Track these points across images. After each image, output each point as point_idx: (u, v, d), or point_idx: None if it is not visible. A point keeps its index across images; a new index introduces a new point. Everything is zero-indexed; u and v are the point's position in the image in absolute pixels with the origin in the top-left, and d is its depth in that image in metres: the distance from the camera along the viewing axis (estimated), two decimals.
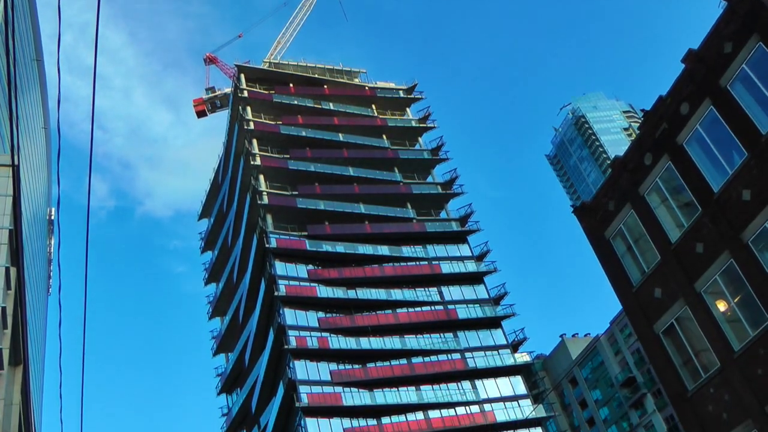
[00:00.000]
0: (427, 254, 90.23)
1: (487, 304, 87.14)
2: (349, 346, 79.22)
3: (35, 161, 77.07)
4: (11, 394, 28.86)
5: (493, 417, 77.16)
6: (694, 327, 24.01)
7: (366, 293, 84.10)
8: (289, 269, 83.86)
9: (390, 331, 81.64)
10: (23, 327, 29.49)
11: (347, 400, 75.13)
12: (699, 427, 23.91)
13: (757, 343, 21.74)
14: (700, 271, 23.55)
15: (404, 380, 78.22)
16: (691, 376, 24.28)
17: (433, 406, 77.06)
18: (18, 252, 28.27)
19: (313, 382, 75.50)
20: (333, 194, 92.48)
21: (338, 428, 73.32)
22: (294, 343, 76.87)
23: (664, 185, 25.24)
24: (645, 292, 25.94)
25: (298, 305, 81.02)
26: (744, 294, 22.35)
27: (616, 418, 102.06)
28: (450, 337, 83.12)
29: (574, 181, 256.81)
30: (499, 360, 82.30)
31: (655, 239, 25.45)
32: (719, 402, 23.12)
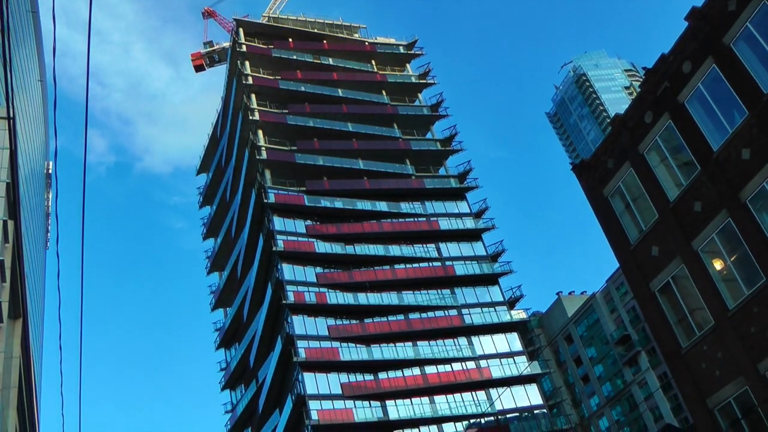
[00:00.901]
0: (426, 210, 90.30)
1: (484, 261, 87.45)
2: (347, 302, 79.70)
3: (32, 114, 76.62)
4: (11, 348, 29.04)
5: (489, 373, 77.92)
6: (690, 285, 24.13)
7: (364, 249, 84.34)
8: (288, 224, 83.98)
9: (387, 287, 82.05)
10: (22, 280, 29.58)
11: (344, 355, 75.81)
12: (692, 384, 24.16)
13: (752, 302, 21.87)
14: (698, 230, 23.59)
15: (401, 336, 78.83)
16: (686, 333, 24.48)
17: (430, 362, 77.80)
18: (15, 205, 28.22)
19: (310, 337, 76.11)
20: (332, 150, 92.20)
21: (335, 383, 74.10)
22: (292, 298, 77.30)
23: (664, 144, 25.16)
24: (642, 250, 26.02)
25: (296, 260, 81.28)
26: (740, 253, 22.42)
27: (610, 375, 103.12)
28: (447, 294, 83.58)
29: (574, 140, 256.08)
30: (496, 317, 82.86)
31: (653, 197, 25.45)
32: (712, 359, 23.33)
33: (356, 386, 74.46)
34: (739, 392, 22.51)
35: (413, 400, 75.01)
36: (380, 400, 74.23)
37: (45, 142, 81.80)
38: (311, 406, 71.03)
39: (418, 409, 74.49)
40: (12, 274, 26.87)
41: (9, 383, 28.40)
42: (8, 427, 27.81)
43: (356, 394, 73.72)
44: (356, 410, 72.61)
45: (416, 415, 73.77)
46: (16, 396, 28.84)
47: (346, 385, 74.20)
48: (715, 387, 23.25)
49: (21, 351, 29.95)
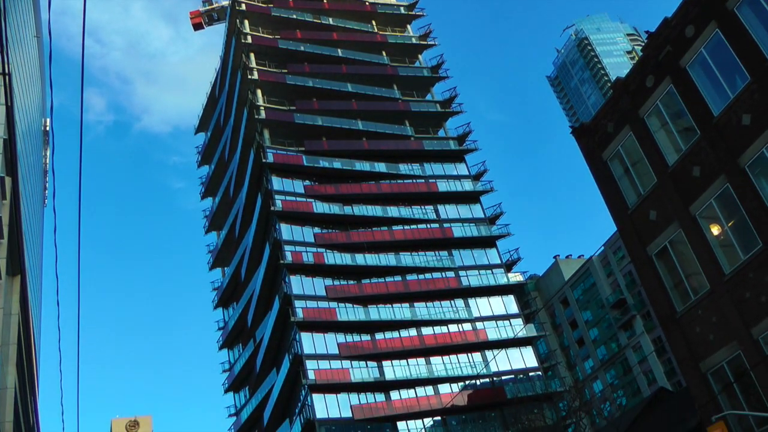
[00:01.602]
0: (424, 172, 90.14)
1: (482, 224, 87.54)
2: (345, 262, 79.91)
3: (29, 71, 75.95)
4: (10, 304, 29.16)
5: (485, 335, 78.45)
6: (687, 250, 24.19)
7: (362, 210, 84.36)
8: (286, 184, 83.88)
9: (385, 248, 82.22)
10: (20, 237, 29.59)
11: (342, 315, 76.24)
12: (686, 348, 24.34)
13: (748, 267, 21.95)
14: (696, 195, 23.59)
15: (398, 297, 79.20)
16: (681, 298, 24.60)
17: (426, 323, 78.28)
18: (13, 162, 28.14)
19: (308, 297, 76.46)
20: (331, 110, 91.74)
21: (332, 342, 74.62)
22: (290, 258, 77.49)
23: (665, 108, 25.03)
24: (640, 215, 26.03)
25: (294, 220, 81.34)
26: (738, 218, 22.44)
27: (605, 339, 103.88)
28: (444, 255, 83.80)
29: (574, 104, 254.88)
30: (493, 279, 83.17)
31: (652, 162, 25.39)
32: (707, 324, 23.49)
33: (353, 346, 75.00)
34: (732, 356, 22.70)
35: (409, 360, 75.61)
36: (377, 361, 74.84)
37: (42, 100, 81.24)
38: (308, 366, 71.62)
39: (414, 369, 75.13)
40: (10, 231, 26.87)
41: (8, 340, 28.58)
42: (8, 382, 28.04)
43: (353, 355, 74.30)
44: (353, 370, 73.24)
45: (412, 376, 74.44)
46: (15, 352, 29.04)
47: (343, 345, 74.73)
48: (709, 351, 23.44)
49: (20, 308, 30.09)
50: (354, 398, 72.43)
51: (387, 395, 73.67)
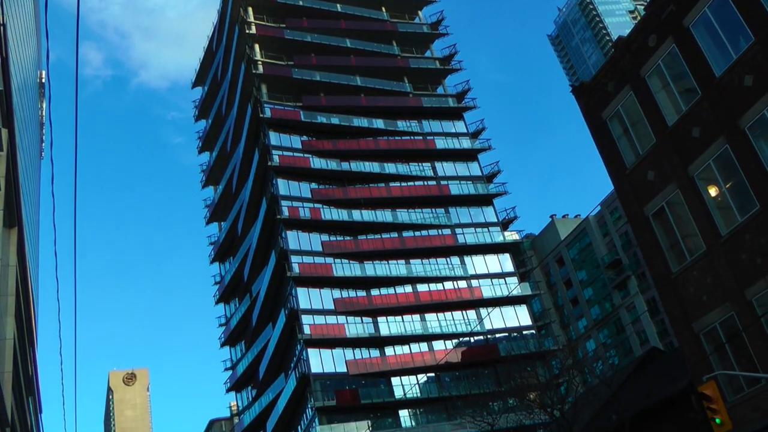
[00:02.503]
0: (422, 129, 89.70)
1: (479, 182, 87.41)
2: (341, 218, 79.89)
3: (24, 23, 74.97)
4: (7, 256, 29.21)
5: (480, 293, 78.82)
6: (684, 211, 24.22)
7: (359, 166, 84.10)
8: (283, 140, 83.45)
9: (382, 205, 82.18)
10: (17, 189, 29.54)
11: (338, 270, 76.47)
12: (679, 309, 24.53)
13: (744, 229, 22.01)
14: (695, 156, 23.55)
15: (394, 253, 79.37)
16: (677, 258, 24.70)
17: (422, 280, 78.58)
18: (9, 114, 27.94)
19: (304, 252, 76.62)
20: (329, 66, 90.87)
21: (328, 298, 74.96)
22: (287, 213, 77.47)
23: (666, 68, 24.86)
24: (638, 175, 26.02)
25: (291, 176, 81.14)
26: (736, 180, 22.44)
27: (599, 299, 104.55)
28: (441, 213, 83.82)
29: (575, 63, 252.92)
30: (489, 237, 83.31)
31: (652, 122, 25.29)
32: (701, 285, 23.63)
33: (348, 302, 75.40)
34: (725, 317, 22.90)
35: (404, 317, 76.09)
36: (372, 317, 75.31)
37: (38, 52, 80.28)
38: (304, 321, 72.09)
39: (409, 326, 75.66)
40: (7, 182, 26.80)
41: (6, 291, 28.68)
42: (7, 333, 28.21)
43: (348, 310, 74.73)
44: (348, 326, 73.75)
45: (407, 332, 74.99)
46: (13, 303, 29.16)
47: (338, 300, 75.12)
48: (702, 312, 23.62)
49: (17, 259, 30.15)
50: (349, 353, 73.02)
51: (381, 351, 74.28)
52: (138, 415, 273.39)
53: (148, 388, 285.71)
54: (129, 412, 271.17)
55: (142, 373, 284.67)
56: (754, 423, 22.01)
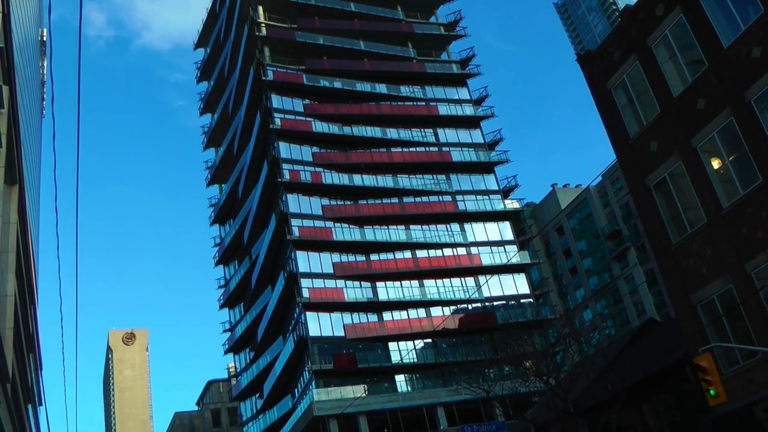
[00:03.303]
0: (425, 95, 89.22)
1: (481, 149, 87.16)
2: (342, 182, 79.78)
3: None
4: (8, 213, 29.19)
5: (479, 260, 78.99)
6: (686, 183, 24.15)
7: (361, 131, 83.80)
8: (285, 103, 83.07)
9: (383, 170, 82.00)
10: (18, 146, 29.44)
11: (337, 235, 76.56)
12: (678, 280, 24.57)
13: (746, 202, 21.96)
14: (699, 127, 23.42)
15: (394, 219, 79.41)
16: (677, 230, 24.68)
17: (421, 246, 78.70)
18: (10, 71, 27.72)
19: (304, 216, 76.64)
20: (333, 29, 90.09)
21: (327, 262, 75.15)
22: (287, 177, 77.34)
23: (673, 39, 24.61)
24: (641, 145, 25.90)
25: (292, 139, 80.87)
26: (739, 153, 22.34)
27: (598, 269, 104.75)
28: (442, 179, 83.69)
29: (581, 32, 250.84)
30: (489, 205, 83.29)
31: (657, 92, 25.11)
32: (701, 257, 23.64)
33: (348, 266, 75.60)
34: (724, 290, 22.94)
35: (403, 282, 76.33)
36: (371, 281, 75.56)
37: (40, 11, 79.54)
38: (303, 284, 72.35)
39: (407, 291, 75.94)
40: (8, 140, 26.69)
41: (7, 248, 28.71)
42: (8, 290, 28.31)
43: (347, 274, 74.96)
44: (347, 290, 74.02)
45: (405, 298, 75.29)
46: (14, 260, 29.21)
47: (338, 264, 75.31)
48: (701, 284, 23.66)
49: (18, 216, 30.15)
50: (347, 318, 73.41)
51: (379, 316, 74.67)
52: (137, 374, 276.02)
53: (147, 348, 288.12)
54: (128, 372, 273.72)
55: (142, 333, 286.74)
56: (748, 396, 22.17)
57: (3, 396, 26.80)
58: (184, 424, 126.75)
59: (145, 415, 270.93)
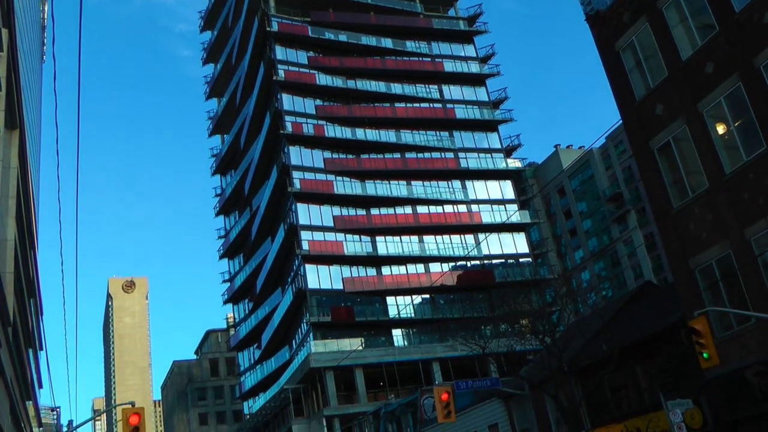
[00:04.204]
0: (431, 51, 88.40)
1: (485, 107, 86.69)
2: (345, 136, 79.52)
3: None
4: (8, 158, 29.08)
5: (479, 218, 79.09)
6: (690, 148, 24.06)
7: (365, 85, 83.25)
8: (290, 54, 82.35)
9: (386, 125, 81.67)
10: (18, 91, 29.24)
11: (339, 188, 76.55)
12: (678, 244, 24.62)
13: (749, 168, 21.90)
14: (706, 92, 23.24)
15: (396, 174, 79.33)
16: (679, 194, 24.65)
17: (422, 202, 78.75)
18: (9, 14, 27.39)
19: (306, 169, 76.55)
20: None
21: (328, 215, 75.27)
22: (290, 129, 77.06)
23: (685, 2, 24.28)
24: (647, 108, 25.74)
25: (296, 91, 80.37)
26: (745, 119, 22.21)
27: (597, 231, 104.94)
28: (445, 136, 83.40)
29: None
30: (492, 163, 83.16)
31: (665, 55, 24.87)
32: (701, 221, 23.65)
33: (348, 220, 75.76)
34: (722, 255, 23.00)
35: (403, 237, 76.57)
36: (370, 236, 75.78)
37: None
38: (303, 237, 72.57)
39: (407, 246, 76.20)
40: (8, 83, 26.49)
41: (7, 193, 28.68)
42: (8, 234, 28.36)
43: (347, 228, 75.14)
44: (346, 243, 74.26)
45: (404, 253, 75.60)
46: (14, 205, 29.20)
47: (338, 218, 75.45)
48: (700, 248, 23.71)
49: (18, 161, 30.06)
50: (346, 271, 73.80)
51: (378, 270, 75.05)
52: (136, 322, 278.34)
53: (147, 296, 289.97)
54: (128, 319, 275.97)
55: (141, 282, 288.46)
56: (740, 360, 22.38)
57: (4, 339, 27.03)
58: (183, 373, 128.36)
59: (144, 363, 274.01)
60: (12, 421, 31.50)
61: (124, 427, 21.20)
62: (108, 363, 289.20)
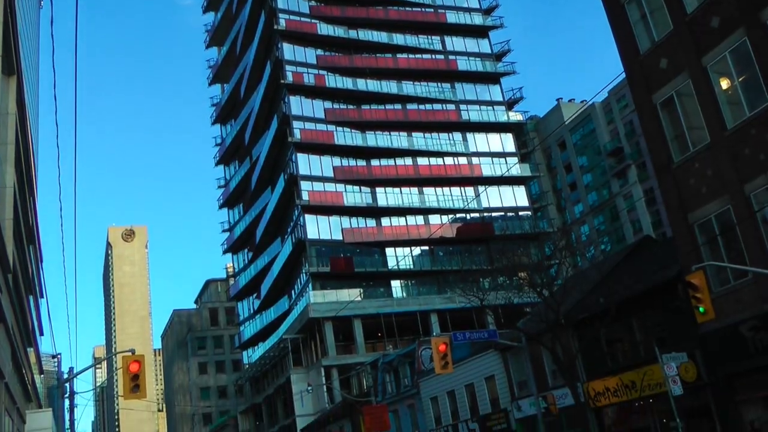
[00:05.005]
0: (434, 2, 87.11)
1: (488, 59, 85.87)
2: (346, 86, 78.89)
3: None
4: (6, 104, 28.86)
5: (480, 170, 78.93)
6: (692, 102, 23.90)
7: (367, 35, 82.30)
8: (291, 3, 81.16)
9: (388, 75, 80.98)
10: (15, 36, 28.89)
11: (339, 138, 76.22)
12: (677, 198, 24.60)
13: (751, 124, 21.79)
14: (711, 46, 23.00)
15: (397, 125, 78.92)
16: (680, 149, 24.57)
17: (423, 153, 78.49)
18: None
19: (307, 119, 76.14)
20: None
21: (328, 165, 75.08)
22: (291, 79, 76.44)
23: None
24: (651, 61, 25.50)
25: (297, 41, 79.49)
26: (749, 74, 22.01)
27: (597, 185, 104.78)
28: (447, 88, 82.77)
29: None
30: (493, 116, 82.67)
31: (671, 8, 24.54)
32: (702, 176, 23.61)
33: (348, 170, 75.61)
34: (722, 210, 23.00)
35: (403, 189, 76.50)
36: (370, 187, 75.70)
37: None
38: (303, 187, 72.52)
39: (406, 198, 76.16)
40: (4, 29, 26.13)
41: (5, 140, 28.54)
42: (7, 181, 28.31)
43: (347, 179, 75.03)
44: (346, 194, 74.23)
45: (404, 204, 75.60)
46: (13, 152, 29.09)
47: (338, 168, 75.29)
48: (700, 203, 23.71)
49: (16, 107, 29.85)
50: (345, 222, 73.91)
51: (378, 221, 75.16)
52: (136, 271, 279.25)
53: (147, 245, 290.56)
54: (127, 268, 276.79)
55: (141, 230, 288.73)
56: (735, 314, 22.55)
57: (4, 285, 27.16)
58: (183, 322, 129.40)
59: (144, 312, 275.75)
60: (13, 366, 31.84)
61: (124, 374, 21.32)
62: (108, 312, 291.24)
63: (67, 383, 29.59)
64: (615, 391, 29.45)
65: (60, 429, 36.45)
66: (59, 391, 31.52)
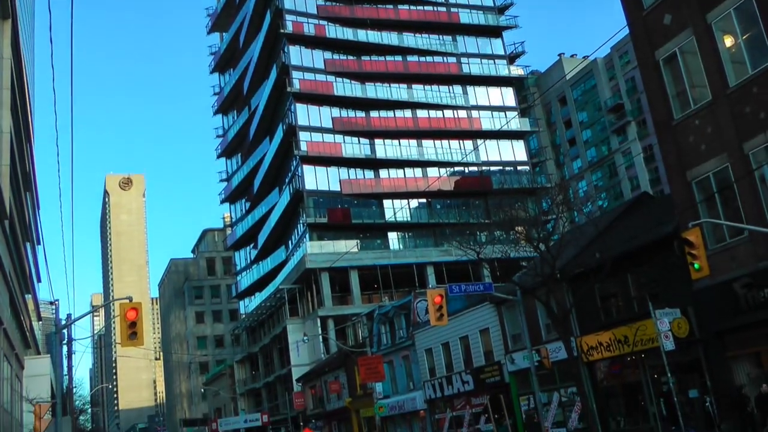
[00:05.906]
0: None
1: (490, 12, 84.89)
2: (346, 37, 78.06)
3: None
4: (1, 49, 28.64)
5: (479, 124, 78.61)
6: (695, 60, 23.73)
7: None
8: None
9: (389, 27, 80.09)
10: None
11: (338, 89, 75.67)
12: (676, 155, 24.58)
13: (753, 82, 21.67)
14: (716, 2, 22.75)
15: (397, 77, 78.29)
16: (681, 106, 24.47)
17: (422, 106, 78.02)
18: None
19: (306, 69, 75.48)
20: None
21: (327, 116, 74.65)
22: (290, 28, 75.57)
23: None
24: (655, 17, 25.23)
25: None
26: (754, 32, 21.82)
27: (597, 141, 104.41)
28: (448, 40, 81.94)
29: None
30: (494, 69, 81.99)
31: None
32: (701, 134, 23.55)
33: (347, 121, 75.25)
34: (720, 168, 23.00)
35: (401, 141, 76.24)
36: (369, 138, 75.41)
37: None
38: (301, 137, 72.23)
39: (405, 150, 75.94)
40: None
41: (1, 85, 28.38)
42: (3, 126, 28.20)
43: (346, 130, 74.69)
44: (345, 145, 73.96)
45: (403, 157, 75.40)
46: (9, 96, 28.92)
47: (337, 119, 74.91)
48: (698, 160, 23.69)
49: (12, 52, 29.59)
50: (343, 173, 73.79)
51: (376, 173, 75.04)
52: (133, 219, 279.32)
53: (144, 194, 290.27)
54: (124, 217, 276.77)
55: (138, 179, 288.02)
56: (729, 272, 22.70)
57: (1, 232, 27.22)
58: (180, 271, 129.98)
59: (142, 260, 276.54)
60: (12, 313, 32.07)
61: (121, 321, 21.44)
62: (105, 260, 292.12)
63: (64, 330, 29.82)
64: (608, 346, 29.74)
65: (58, 375, 36.81)
66: (57, 337, 31.76)
